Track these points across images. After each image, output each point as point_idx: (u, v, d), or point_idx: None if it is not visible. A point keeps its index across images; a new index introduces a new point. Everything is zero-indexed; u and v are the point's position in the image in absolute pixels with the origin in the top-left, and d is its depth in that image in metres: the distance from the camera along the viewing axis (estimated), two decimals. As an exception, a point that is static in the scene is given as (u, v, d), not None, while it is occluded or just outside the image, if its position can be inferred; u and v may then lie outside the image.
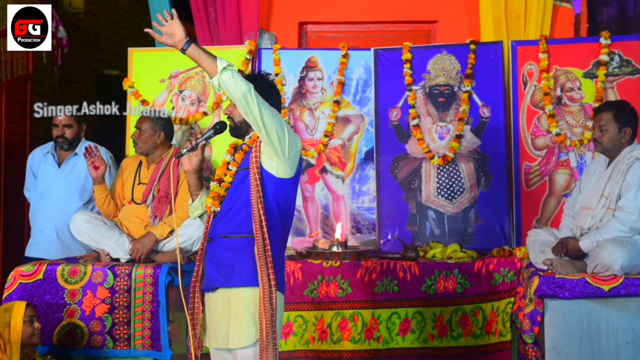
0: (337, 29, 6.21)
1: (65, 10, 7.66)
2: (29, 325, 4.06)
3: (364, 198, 5.56)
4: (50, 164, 5.49)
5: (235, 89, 3.33)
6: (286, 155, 3.48)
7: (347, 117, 5.65)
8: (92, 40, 8.09)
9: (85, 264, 4.66)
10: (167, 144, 5.03)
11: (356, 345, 4.84)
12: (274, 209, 3.54)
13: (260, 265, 3.45)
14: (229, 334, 3.53)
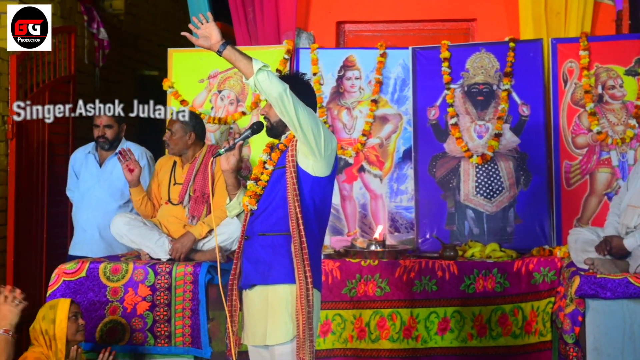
0: (374, 28, 6.20)
1: (106, 12, 7.73)
2: (74, 322, 4.10)
3: (402, 197, 5.55)
4: (92, 164, 5.56)
5: (271, 89, 3.36)
6: (322, 153, 3.50)
7: (385, 116, 5.64)
8: (133, 41, 8.17)
9: (126, 262, 4.72)
10: (200, 143, 5.05)
11: (395, 344, 4.84)
12: (310, 207, 3.56)
13: (296, 262, 3.48)
14: (266, 330, 3.56)
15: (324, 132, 3.48)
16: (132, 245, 4.89)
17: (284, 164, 3.58)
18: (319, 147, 3.47)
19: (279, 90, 3.35)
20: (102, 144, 5.49)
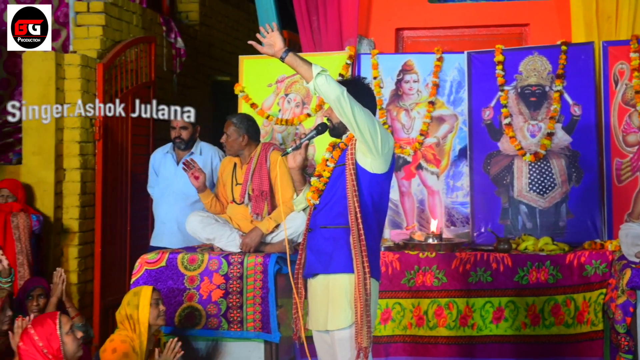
0: (432, 33, 6.17)
1: (182, 23, 7.84)
2: (155, 308, 4.17)
3: (458, 193, 5.52)
4: (170, 163, 5.67)
5: (329, 92, 3.39)
6: (379, 151, 3.51)
7: (442, 116, 5.61)
8: (207, 49, 8.26)
9: (202, 253, 4.79)
10: (254, 144, 5.04)
11: (451, 332, 4.83)
12: (369, 202, 3.57)
13: (355, 253, 3.50)
14: (327, 317, 3.58)
15: (380, 131, 3.50)
16: (206, 241, 4.96)
17: (344, 162, 3.60)
18: (376, 145, 3.49)
19: (337, 92, 3.39)
20: (179, 144, 5.60)
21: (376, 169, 3.56)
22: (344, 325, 3.53)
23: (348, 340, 3.54)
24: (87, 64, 6.04)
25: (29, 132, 5.94)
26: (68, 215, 6.01)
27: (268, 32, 3.54)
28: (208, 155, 5.64)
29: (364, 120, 3.44)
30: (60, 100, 5.91)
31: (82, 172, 6.02)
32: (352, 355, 3.52)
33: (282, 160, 4.63)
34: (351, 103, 3.40)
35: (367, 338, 3.48)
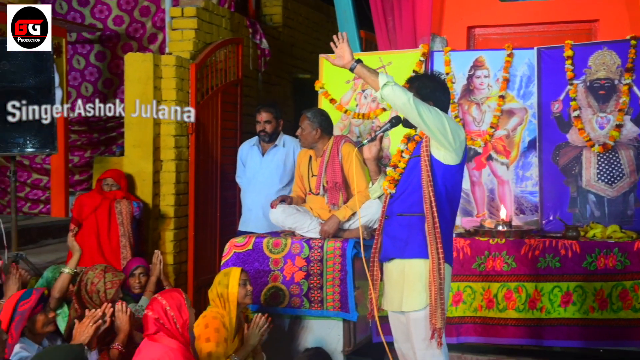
0: (502, 31, 6.07)
1: (267, 25, 7.92)
2: (243, 288, 4.23)
3: (527, 183, 5.42)
4: (256, 154, 5.76)
5: (395, 100, 3.42)
6: (452, 145, 3.51)
7: (512, 110, 5.52)
8: (289, 49, 8.31)
9: (285, 238, 4.86)
10: (327, 137, 5.05)
11: (520, 314, 4.78)
12: (442, 192, 3.57)
13: (430, 240, 3.51)
14: (402, 298, 3.61)
15: (450, 127, 3.49)
16: (289, 229, 5.02)
17: (419, 153, 3.61)
18: (448, 140, 3.49)
19: (403, 100, 3.40)
20: (263, 137, 5.68)
21: (449, 161, 3.57)
22: (419, 307, 3.55)
23: (422, 321, 3.56)
24: (181, 64, 6.16)
25: (130, 127, 6.09)
26: (164, 202, 6.15)
27: (339, 40, 3.59)
28: (290, 147, 5.71)
29: (433, 120, 3.44)
30: (157, 97, 6.05)
31: (176, 163, 6.14)
32: (427, 335, 3.54)
33: (355, 151, 4.67)
34: (418, 107, 3.41)
35: (441, 319, 3.50)
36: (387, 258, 3.71)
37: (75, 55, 7.35)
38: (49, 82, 5.21)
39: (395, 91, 3.41)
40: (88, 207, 5.73)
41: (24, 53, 5.11)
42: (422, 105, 3.43)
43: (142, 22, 7.22)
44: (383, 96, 3.43)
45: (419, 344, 3.58)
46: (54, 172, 6.65)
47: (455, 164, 3.59)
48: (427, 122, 3.43)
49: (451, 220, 3.70)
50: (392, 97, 3.41)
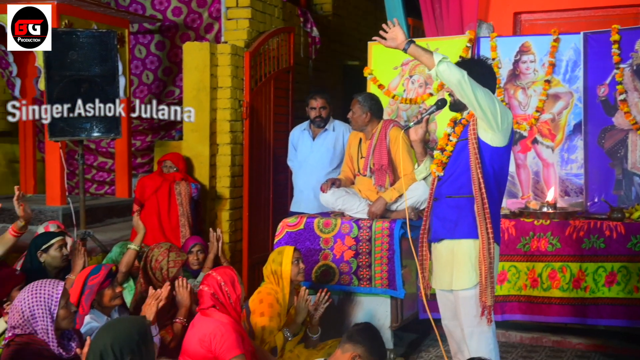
0: (548, 16, 5.95)
1: (317, 14, 7.89)
2: (296, 266, 4.27)
3: (572, 165, 5.32)
4: (307, 139, 5.76)
5: (451, 77, 3.36)
6: (499, 127, 3.45)
7: (557, 94, 5.41)
8: (339, 37, 8.28)
9: (335, 218, 4.86)
10: (376, 120, 5.02)
11: (564, 293, 4.73)
12: (490, 173, 3.52)
13: (479, 221, 3.48)
14: (452, 277, 3.59)
15: (500, 109, 3.44)
16: (338, 210, 5.01)
17: (467, 137, 3.56)
18: (497, 122, 3.43)
19: (458, 77, 3.35)
20: (319, 123, 5.65)
21: (497, 143, 3.51)
22: (469, 285, 3.53)
23: (471, 299, 3.53)
24: (236, 52, 6.17)
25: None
26: (220, 184, 6.19)
27: (390, 27, 3.53)
28: (340, 131, 5.69)
29: (485, 100, 3.39)
30: (213, 84, 6.10)
31: (232, 147, 6.18)
32: (477, 313, 3.52)
33: (402, 135, 4.64)
34: (472, 85, 3.36)
35: (490, 297, 3.48)
36: (437, 239, 3.68)
37: (137, 45, 7.43)
38: (113, 70, 5.28)
39: (450, 68, 3.36)
40: (149, 188, 5.79)
41: (91, 43, 5.20)
42: (476, 84, 3.39)
43: (199, 13, 7.26)
44: (439, 72, 3.37)
45: (468, 321, 3.55)
46: (118, 156, 6.75)
47: (502, 146, 3.53)
48: (480, 101, 3.38)
49: (499, 201, 3.65)
50: (448, 74, 3.36)
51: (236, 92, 6.20)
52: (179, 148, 6.24)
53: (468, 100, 3.40)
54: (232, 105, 6.17)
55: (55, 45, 5.04)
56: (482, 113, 3.42)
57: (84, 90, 5.13)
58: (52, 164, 5.97)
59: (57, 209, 5.84)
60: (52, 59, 5.10)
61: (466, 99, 3.41)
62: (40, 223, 5.06)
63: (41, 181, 6.90)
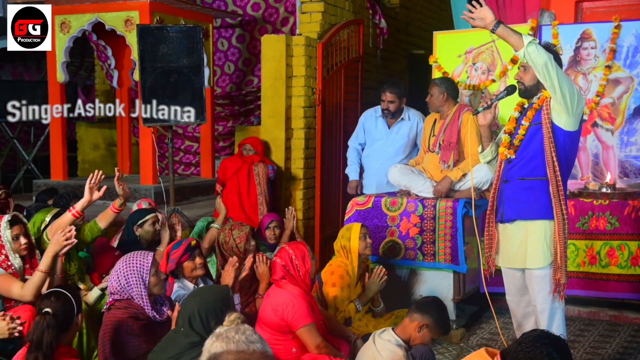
0: (609, 4, 5.71)
1: (385, 6, 7.81)
2: (363, 241, 4.26)
3: (632, 148, 5.13)
4: (382, 126, 5.60)
5: (539, 59, 3.26)
6: (574, 111, 3.36)
7: (618, 79, 5.20)
8: (405, 28, 8.19)
9: (401, 197, 4.83)
10: (452, 102, 4.96)
11: (623, 270, 4.60)
12: (562, 156, 3.45)
13: (555, 202, 3.41)
14: (526, 257, 3.52)
15: (577, 94, 3.37)
16: (404, 188, 4.96)
17: (539, 121, 3.48)
18: (573, 106, 3.35)
19: (545, 59, 3.26)
20: (386, 114, 5.53)
21: (569, 127, 3.43)
22: (543, 264, 3.47)
23: (545, 277, 3.48)
24: (310, 43, 6.17)
25: (266, 100, 6.19)
26: (295, 165, 6.23)
27: (476, 7, 3.39)
28: (414, 120, 5.57)
29: (566, 84, 3.31)
30: (289, 73, 6.12)
31: (305, 131, 6.20)
32: (550, 290, 3.48)
33: (472, 119, 4.53)
34: (556, 69, 3.28)
35: (564, 275, 3.43)
36: (509, 219, 3.59)
37: (220, 39, 7.53)
38: (199, 62, 5.32)
39: (539, 50, 3.26)
40: (231, 169, 5.85)
41: (179, 37, 5.25)
42: (558, 67, 3.30)
43: (276, 8, 7.30)
44: (528, 53, 3.25)
45: (541, 298, 3.50)
46: (203, 140, 6.86)
47: (574, 130, 3.44)
48: (562, 84, 3.29)
49: (566, 181, 3.57)
50: (536, 55, 3.25)
51: (309, 81, 6.21)
52: (258, 132, 6.29)
53: (551, 82, 3.30)
54: (305, 93, 6.18)
55: (148, 40, 5.15)
56: (562, 96, 3.32)
57: (173, 81, 5.20)
58: (145, 148, 6.10)
59: (150, 188, 5.97)
60: (145, 52, 5.17)
61: (549, 82, 3.31)
62: (135, 200, 5.18)
63: (135, 163, 7.09)
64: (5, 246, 3.66)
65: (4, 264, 3.68)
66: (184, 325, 2.98)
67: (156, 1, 5.87)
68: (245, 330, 2.13)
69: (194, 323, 2.93)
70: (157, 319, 3.42)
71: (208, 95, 6.16)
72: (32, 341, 2.84)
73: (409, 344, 3.19)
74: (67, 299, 3.02)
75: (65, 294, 3.05)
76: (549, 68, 3.26)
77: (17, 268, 3.70)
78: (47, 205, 4.76)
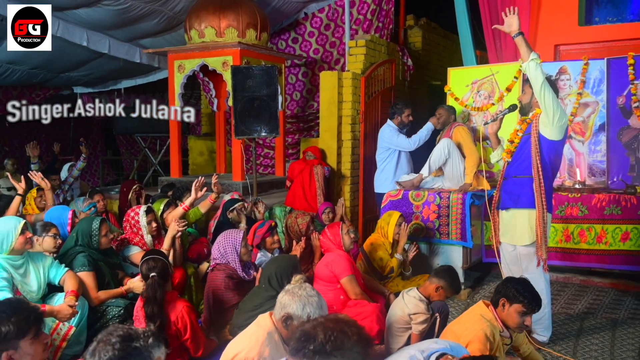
0: (580, 47, 5.64)
1: (411, 49, 7.76)
2: (397, 227, 4.22)
3: (597, 154, 5.07)
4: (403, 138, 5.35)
5: (536, 74, 3.11)
6: (556, 123, 3.23)
7: (587, 103, 5.15)
8: (426, 65, 8.14)
9: (424, 190, 4.80)
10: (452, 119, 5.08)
11: (590, 246, 4.57)
12: (547, 160, 3.34)
13: (536, 195, 3.31)
14: (515, 235, 3.44)
15: (560, 110, 3.22)
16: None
17: (530, 132, 3.38)
18: (556, 118, 3.21)
19: (539, 76, 3.12)
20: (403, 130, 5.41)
21: (553, 137, 3.29)
22: (528, 242, 3.39)
23: (530, 254, 3.40)
24: (355, 77, 6.20)
25: (323, 119, 6.21)
26: (344, 167, 6.25)
27: (508, 14, 3.19)
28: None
29: (552, 99, 3.16)
30: (340, 99, 6.13)
31: (352, 142, 6.20)
32: (534, 263, 3.39)
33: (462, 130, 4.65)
34: (546, 86, 3.13)
35: (545, 252, 3.34)
36: (505, 207, 3.52)
37: (290, 74, 7.54)
38: (275, 91, 5.33)
39: (538, 68, 3.10)
40: (297, 170, 5.90)
41: (261, 74, 5.23)
42: (547, 85, 3.15)
43: (331, 52, 7.33)
44: (529, 66, 3.09)
45: (529, 269, 3.41)
46: (277, 148, 6.84)
47: (556, 140, 3.31)
48: (546, 98, 3.13)
49: (552, 179, 3.44)
50: (534, 71, 3.09)
51: (355, 105, 6.22)
52: (317, 143, 6.32)
53: (540, 96, 3.13)
54: (352, 114, 6.19)
55: (239, 76, 5.19)
56: (545, 109, 3.18)
57: (256, 105, 5.22)
58: (236, 154, 6.05)
59: (239, 183, 5.96)
60: (236, 85, 5.19)
61: (540, 96, 3.15)
62: (228, 193, 5.23)
63: (229, 165, 7.11)
64: (142, 229, 3.77)
65: (140, 242, 3.78)
66: (264, 283, 3.01)
67: (244, 49, 5.95)
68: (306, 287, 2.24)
69: (272, 282, 2.96)
70: (245, 279, 3.50)
71: (281, 116, 6.16)
72: (147, 297, 2.85)
73: (429, 300, 3.13)
74: (163, 261, 3.03)
75: (160, 258, 3.04)
76: (542, 84, 3.11)
77: (149, 244, 3.79)
78: (166, 196, 4.86)
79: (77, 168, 5.98)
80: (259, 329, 2.29)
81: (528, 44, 3.13)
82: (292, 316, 2.21)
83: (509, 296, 2.61)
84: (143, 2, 6.02)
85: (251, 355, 2.18)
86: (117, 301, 3.28)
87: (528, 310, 2.59)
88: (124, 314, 3.19)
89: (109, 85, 8.99)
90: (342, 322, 1.55)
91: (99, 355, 1.50)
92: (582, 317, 4.00)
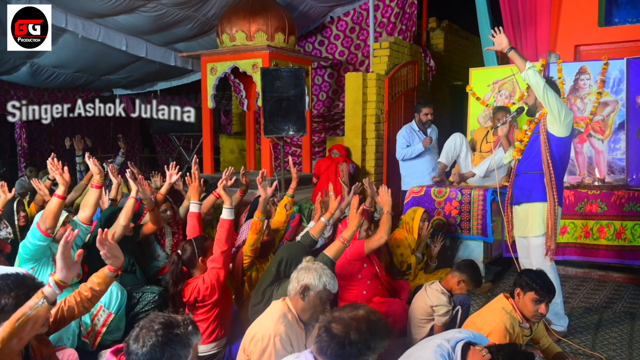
0: (600, 47, 5.56)
1: (433, 50, 7.73)
2: (423, 222, 4.20)
3: (617, 152, 5.00)
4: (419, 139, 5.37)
5: (536, 81, 3.20)
6: (562, 121, 3.27)
7: (606, 102, 5.08)
8: (448, 66, 8.09)
9: (445, 187, 4.79)
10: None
11: (609, 242, 4.51)
12: (556, 155, 3.38)
13: (547, 189, 3.35)
14: (526, 228, 3.48)
15: (565, 109, 3.27)
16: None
17: (538, 130, 3.43)
18: (560, 117, 3.26)
19: (541, 82, 3.19)
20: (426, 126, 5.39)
21: (560, 134, 3.34)
22: (539, 234, 3.42)
23: (540, 245, 3.43)
24: (379, 78, 6.24)
25: (348, 118, 6.28)
26: (368, 164, 6.31)
27: (496, 34, 3.30)
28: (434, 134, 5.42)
29: (553, 99, 3.22)
30: (364, 99, 6.19)
31: (376, 140, 6.26)
32: (543, 253, 3.42)
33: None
34: (547, 89, 3.21)
35: (554, 243, 3.37)
36: (518, 202, 3.56)
37: (316, 76, 7.56)
38: (302, 92, 5.32)
39: (535, 74, 3.19)
40: (323, 167, 5.96)
41: (289, 75, 5.22)
42: (549, 87, 3.23)
43: (356, 54, 7.33)
44: (527, 75, 3.19)
45: (537, 259, 3.44)
46: (304, 146, 6.82)
47: (564, 137, 3.34)
48: (549, 99, 3.20)
49: (563, 174, 3.47)
50: (533, 77, 3.18)
51: (379, 105, 6.26)
52: (342, 141, 6.37)
53: (543, 97, 3.21)
54: (376, 113, 6.23)
55: (267, 78, 5.22)
56: (549, 108, 3.24)
57: (284, 106, 5.23)
58: (265, 151, 6.07)
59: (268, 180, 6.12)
60: (265, 86, 5.20)
61: (543, 98, 3.22)
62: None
63: (258, 162, 7.21)
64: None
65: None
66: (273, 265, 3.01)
67: (273, 52, 6.00)
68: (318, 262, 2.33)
69: (280, 265, 2.94)
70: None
71: (308, 116, 6.19)
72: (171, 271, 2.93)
73: (451, 293, 3.12)
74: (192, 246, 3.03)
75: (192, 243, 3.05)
76: (541, 87, 3.18)
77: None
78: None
79: (117, 163, 6.13)
80: (273, 311, 2.38)
81: (522, 56, 3.22)
82: (309, 286, 2.28)
83: (523, 285, 2.64)
84: (178, 8, 6.14)
85: (268, 332, 2.27)
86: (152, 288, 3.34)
87: (541, 297, 2.60)
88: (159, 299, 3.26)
89: (146, 87, 9.18)
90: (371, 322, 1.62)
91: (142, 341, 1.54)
92: (600, 311, 3.97)
